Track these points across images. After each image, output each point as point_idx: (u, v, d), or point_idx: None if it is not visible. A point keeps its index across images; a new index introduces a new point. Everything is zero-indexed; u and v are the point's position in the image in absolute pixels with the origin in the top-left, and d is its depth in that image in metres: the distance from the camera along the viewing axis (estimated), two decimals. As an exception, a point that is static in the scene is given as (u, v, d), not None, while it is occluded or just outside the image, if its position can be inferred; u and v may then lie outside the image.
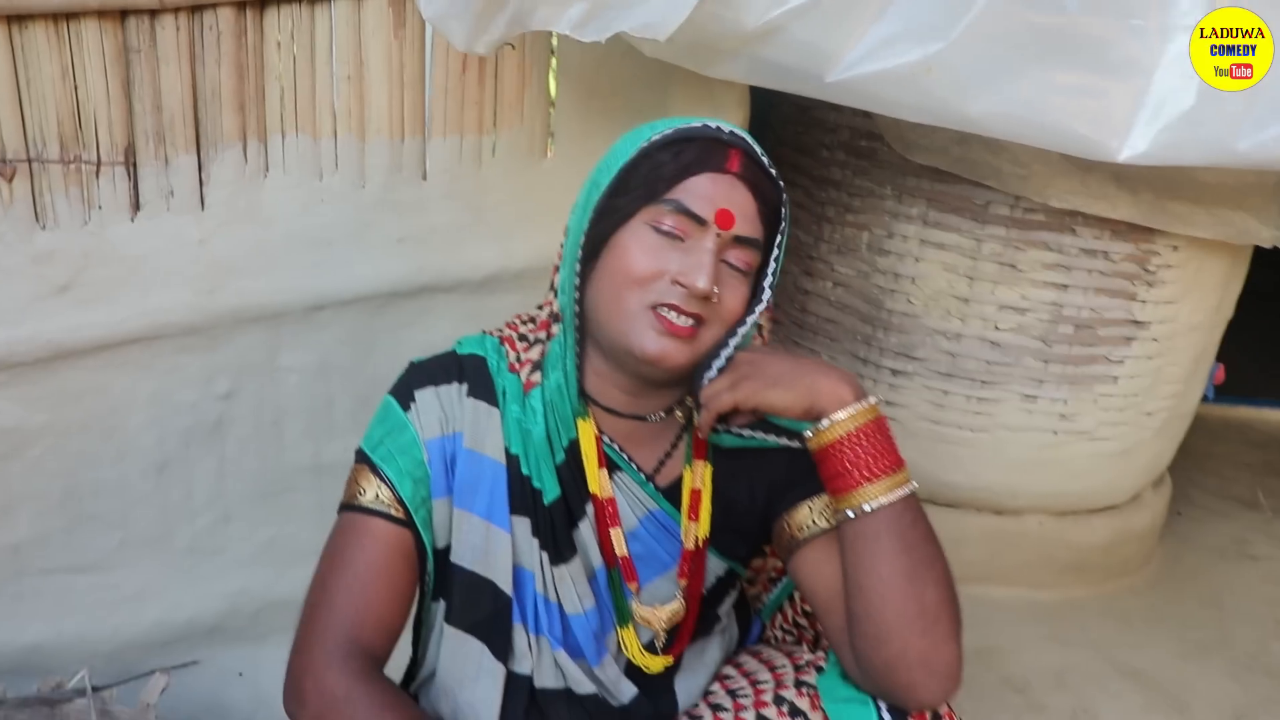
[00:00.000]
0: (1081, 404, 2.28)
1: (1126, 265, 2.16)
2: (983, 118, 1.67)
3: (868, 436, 1.24)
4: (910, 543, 1.23)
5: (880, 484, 1.23)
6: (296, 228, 1.82)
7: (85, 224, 1.71)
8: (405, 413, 1.35)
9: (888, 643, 1.22)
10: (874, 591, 1.23)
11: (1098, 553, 2.50)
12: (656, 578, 1.41)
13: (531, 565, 1.37)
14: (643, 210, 1.26)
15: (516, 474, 1.36)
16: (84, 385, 1.76)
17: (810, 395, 1.26)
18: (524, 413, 1.36)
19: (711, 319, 1.27)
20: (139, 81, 1.67)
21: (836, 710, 1.31)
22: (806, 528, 1.36)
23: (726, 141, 1.27)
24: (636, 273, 1.25)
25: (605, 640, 1.42)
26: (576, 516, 1.37)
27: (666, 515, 1.40)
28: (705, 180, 1.25)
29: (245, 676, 2.02)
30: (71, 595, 1.88)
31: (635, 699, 1.44)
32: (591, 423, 1.36)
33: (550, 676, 1.40)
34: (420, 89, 1.84)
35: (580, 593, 1.38)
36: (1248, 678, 2.28)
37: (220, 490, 1.91)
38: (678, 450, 1.42)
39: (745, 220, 1.26)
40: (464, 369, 1.38)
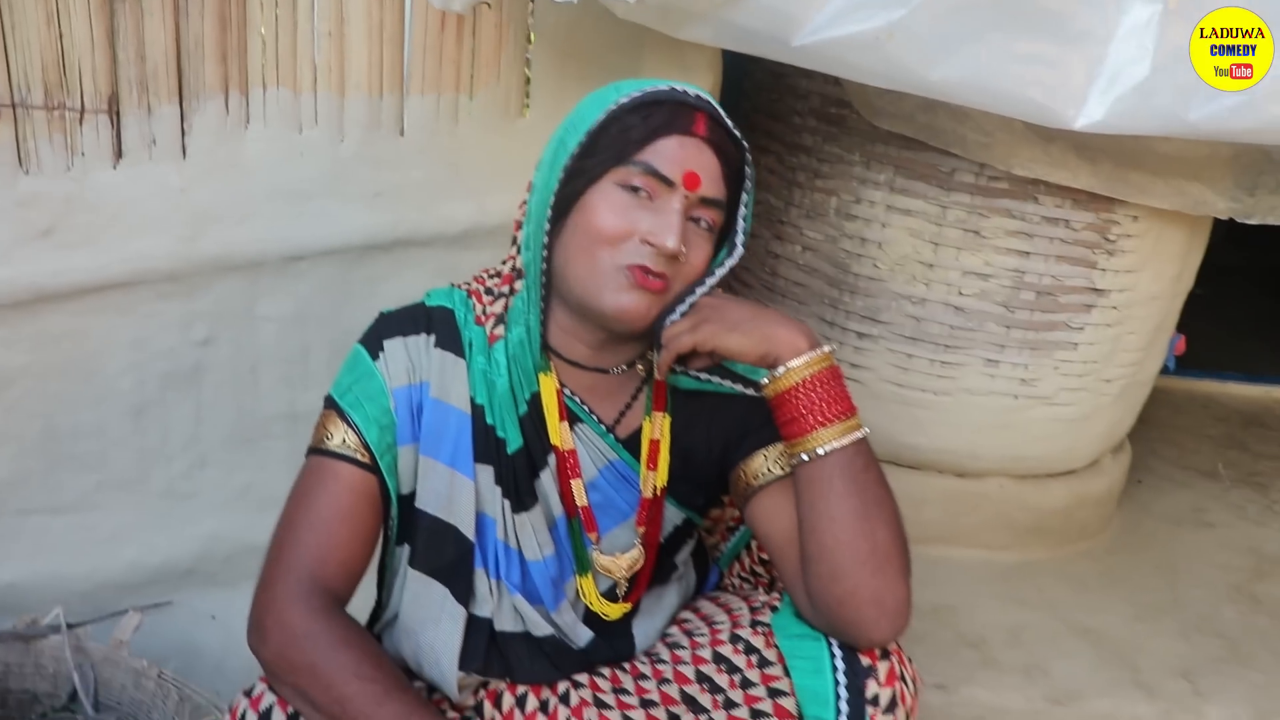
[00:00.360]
0: (1042, 369, 2.34)
1: (1087, 234, 2.22)
2: (943, 84, 1.72)
3: (821, 384, 1.30)
4: (862, 484, 1.29)
5: (833, 428, 1.29)
6: (276, 179, 1.86)
7: (68, 170, 1.75)
8: (374, 361, 1.40)
9: (840, 581, 1.28)
10: (827, 532, 1.29)
11: (1056, 516, 2.55)
12: (616, 527, 1.47)
13: (494, 512, 1.42)
14: (612, 171, 1.30)
15: (481, 423, 1.40)
16: (64, 328, 1.80)
17: (766, 342, 1.32)
18: (489, 364, 1.41)
19: (676, 277, 1.33)
20: (123, 31, 1.70)
21: (790, 646, 1.37)
22: (762, 475, 1.42)
23: (692, 105, 1.32)
24: (606, 232, 1.29)
25: (564, 587, 1.47)
26: (538, 466, 1.42)
27: (626, 466, 1.46)
28: (673, 143, 1.30)
29: (218, 620, 2.06)
30: (48, 535, 1.92)
31: (592, 641, 1.50)
32: (553, 376, 1.41)
33: (509, 620, 1.46)
34: (399, 46, 1.88)
35: (540, 540, 1.43)
36: (1197, 638, 2.34)
37: (196, 435, 1.95)
38: (638, 402, 1.47)
39: (710, 181, 1.32)
40: (432, 320, 1.43)
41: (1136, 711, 2.11)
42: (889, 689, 1.31)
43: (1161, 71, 1.70)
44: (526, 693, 1.48)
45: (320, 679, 1.26)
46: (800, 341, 1.32)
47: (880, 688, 1.31)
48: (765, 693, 1.38)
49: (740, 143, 1.36)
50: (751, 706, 1.38)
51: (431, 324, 1.43)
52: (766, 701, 1.37)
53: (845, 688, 1.30)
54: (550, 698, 1.47)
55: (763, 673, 1.39)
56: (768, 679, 1.38)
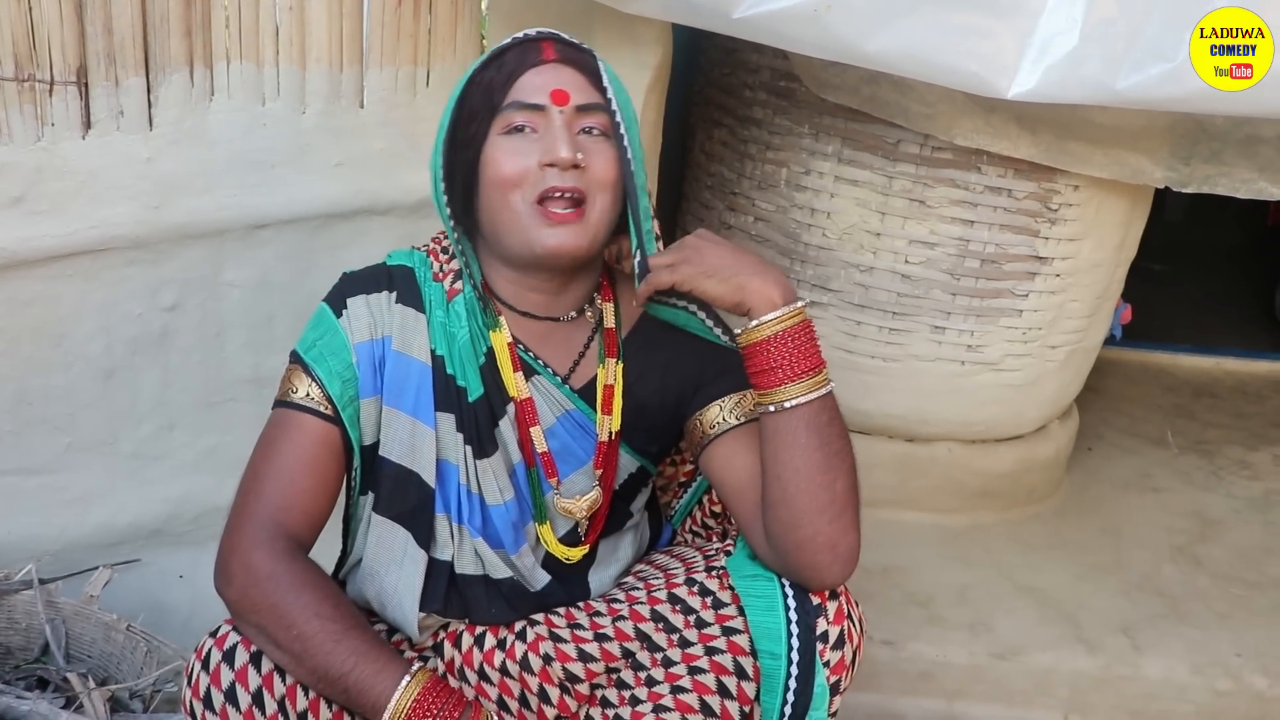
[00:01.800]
0: (988, 336, 2.41)
1: (1029, 203, 2.29)
2: (880, 55, 1.79)
3: (792, 339, 1.36)
4: (825, 438, 1.35)
5: (801, 384, 1.35)
6: (240, 149, 1.91)
7: (38, 140, 1.80)
8: (337, 318, 1.47)
9: (800, 527, 1.35)
10: (790, 481, 1.35)
11: (1004, 480, 2.63)
12: (574, 473, 1.54)
13: (456, 459, 1.48)
14: (491, 125, 1.40)
15: (441, 373, 1.47)
16: (34, 294, 1.85)
17: (740, 293, 1.38)
18: (449, 317, 1.48)
19: (590, 189, 1.39)
20: (91, 5, 1.75)
21: (744, 585, 1.43)
22: (718, 425, 1.49)
23: (535, 38, 1.42)
24: (508, 174, 1.38)
25: (523, 530, 1.54)
26: (498, 415, 1.49)
27: (582, 414, 1.52)
28: (530, 74, 1.39)
29: (185, 579, 2.12)
30: (20, 496, 1.97)
31: (549, 584, 1.56)
32: (504, 331, 1.48)
33: (470, 563, 1.52)
34: (358, 21, 1.93)
35: (500, 485, 1.50)
36: (1138, 596, 2.42)
37: (164, 398, 2.00)
38: (590, 351, 1.54)
39: (578, 90, 1.40)
40: (393, 278, 1.50)
41: (1076, 665, 2.20)
42: (837, 626, 1.38)
43: (1090, 42, 1.77)
44: (484, 632, 1.55)
45: (282, 618, 1.33)
46: (774, 295, 1.37)
47: (829, 625, 1.37)
48: (719, 631, 1.45)
49: (591, 53, 1.44)
50: (706, 644, 1.45)
51: (393, 282, 1.49)
52: (721, 639, 1.44)
53: (796, 624, 1.37)
54: (507, 635, 1.54)
55: (717, 613, 1.46)
56: (722, 618, 1.45)
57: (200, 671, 1.36)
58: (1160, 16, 1.76)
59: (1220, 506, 2.87)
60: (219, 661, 1.36)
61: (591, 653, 1.50)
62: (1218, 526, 2.77)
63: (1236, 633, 2.32)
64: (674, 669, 1.47)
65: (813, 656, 1.37)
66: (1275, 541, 2.73)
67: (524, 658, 1.51)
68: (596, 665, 1.50)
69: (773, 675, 1.39)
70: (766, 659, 1.39)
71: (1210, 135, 2.19)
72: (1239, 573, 2.56)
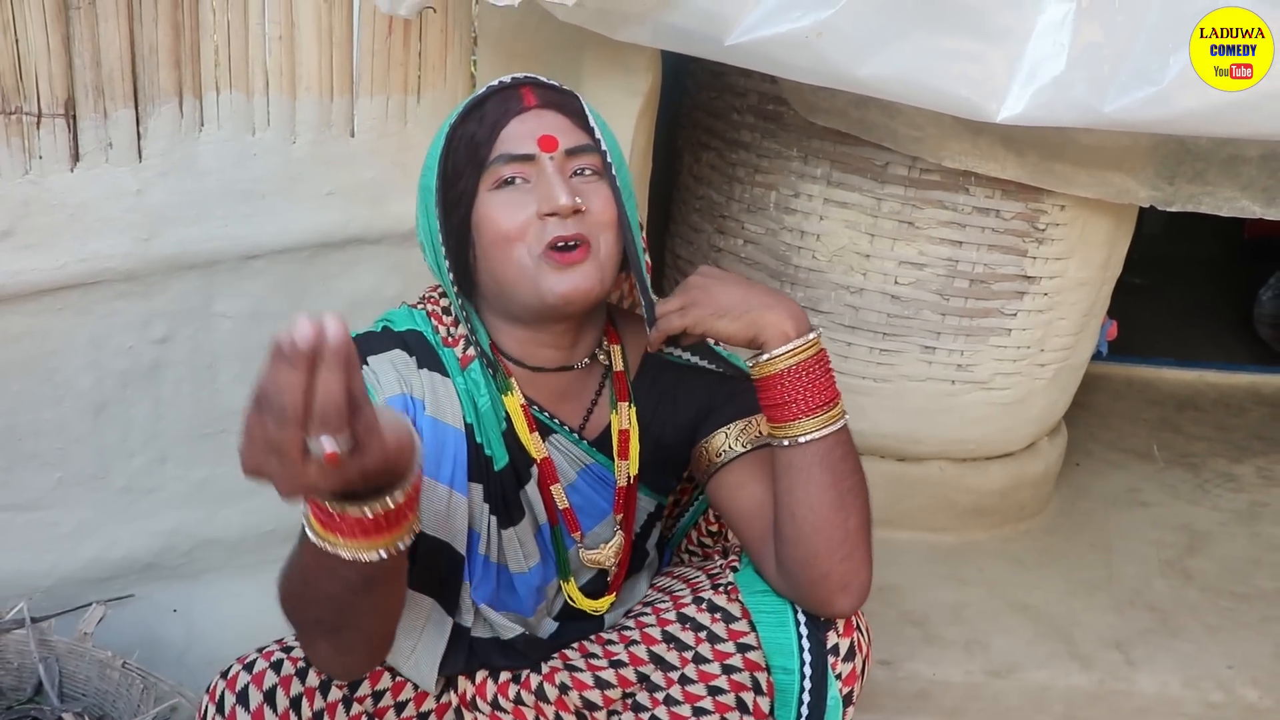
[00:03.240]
0: (978, 355, 2.43)
1: (1017, 223, 2.31)
2: (871, 80, 1.80)
3: (806, 371, 1.34)
4: (839, 474, 1.34)
5: (816, 418, 1.34)
6: (230, 180, 1.90)
7: (26, 173, 1.78)
8: None
9: (814, 565, 1.34)
10: (805, 520, 1.34)
11: (995, 498, 2.64)
12: (597, 525, 1.52)
13: (480, 528, 1.44)
14: (480, 181, 1.34)
15: (472, 442, 1.42)
16: (23, 328, 1.84)
17: (754, 328, 1.36)
18: (469, 384, 1.42)
19: (593, 231, 1.35)
20: (79, 37, 1.74)
21: (754, 601, 1.43)
22: (724, 452, 1.47)
23: (513, 85, 1.37)
24: (508, 230, 1.33)
25: (545, 590, 1.52)
26: (523, 480, 1.46)
27: (601, 467, 1.50)
28: (514, 124, 1.34)
29: (179, 612, 2.10)
30: (10, 532, 1.95)
31: (559, 629, 1.56)
32: (516, 394, 1.43)
33: (482, 628, 1.51)
34: (348, 50, 1.92)
35: (527, 551, 1.48)
36: (1130, 611, 2.44)
37: (156, 431, 1.99)
38: (602, 399, 1.51)
39: (565, 134, 1.35)
40: (408, 343, 1.44)
41: (1071, 681, 2.21)
42: (848, 639, 1.39)
43: (1077, 66, 1.79)
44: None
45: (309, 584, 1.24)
46: (788, 327, 1.35)
47: (840, 638, 1.39)
48: (734, 648, 1.45)
49: (573, 94, 1.40)
50: (722, 662, 1.45)
51: (409, 346, 1.43)
52: (736, 656, 1.44)
53: (807, 639, 1.38)
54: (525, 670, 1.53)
55: (729, 628, 1.46)
56: (735, 634, 1.45)
57: (215, 714, 1.36)
58: (1146, 41, 1.78)
59: (1207, 519, 2.89)
60: (234, 704, 1.36)
61: (608, 679, 1.50)
62: (1205, 539, 2.79)
63: (1227, 645, 2.33)
64: (691, 688, 1.46)
65: (824, 669, 1.37)
66: (1262, 553, 2.75)
67: (539, 688, 1.51)
68: (613, 691, 1.50)
69: (786, 690, 1.39)
70: (780, 674, 1.39)
71: (1194, 155, 2.21)
72: (1228, 585, 2.58)
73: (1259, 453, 3.31)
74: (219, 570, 2.13)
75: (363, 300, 1.99)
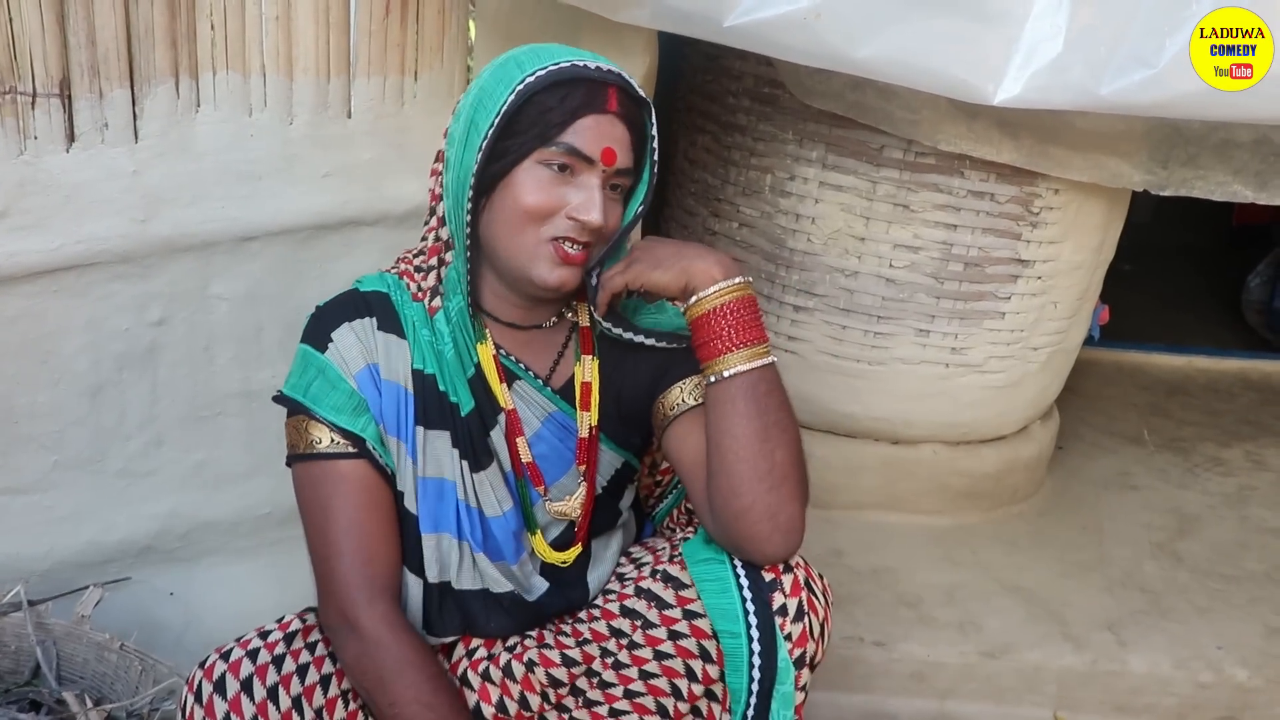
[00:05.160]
0: (971, 338, 2.44)
1: (1011, 206, 2.32)
2: (868, 62, 1.80)
3: (733, 312, 1.41)
4: (764, 407, 1.40)
5: (740, 353, 1.40)
6: (227, 161, 1.91)
7: (21, 154, 1.78)
8: (323, 354, 1.46)
9: (739, 495, 1.39)
10: (729, 449, 1.39)
11: (988, 481, 2.66)
12: (563, 476, 1.56)
13: (453, 475, 1.49)
14: (535, 151, 1.38)
15: (434, 391, 1.48)
16: (20, 310, 1.84)
17: (685, 275, 1.43)
18: (434, 335, 1.48)
19: (597, 241, 1.43)
20: (74, 16, 1.74)
21: (697, 570, 1.47)
22: (677, 405, 1.51)
23: (605, 81, 1.39)
24: (535, 209, 1.38)
25: (523, 539, 1.56)
26: (489, 426, 1.51)
27: (564, 415, 1.55)
28: (590, 121, 1.38)
29: (176, 596, 2.11)
30: (7, 515, 1.95)
31: (547, 592, 1.58)
32: (489, 344, 1.50)
33: (469, 579, 1.53)
34: (345, 30, 1.93)
35: (499, 496, 1.52)
36: (1121, 592, 2.46)
37: (152, 414, 1.99)
38: (568, 351, 1.56)
39: (624, 152, 1.41)
40: (371, 304, 1.50)
41: (1065, 662, 2.23)
42: (795, 598, 1.41)
43: (1074, 49, 1.79)
44: (479, 645, 1.57)
45: (386, 693, 1.40)
46: (715, 271, 1.42)
47: (787, 598, 1.40)
48: (681, 614, 1.48)
49: (649, 106, 1.45)
50: (669, 628, 1.48)
51: (371, 308, 1.49)
52: (683, 623, 1.47)
53: (752, 601, 1.40)
54: (499, 649, 1.56)
55: (678, 595, 1.49)
56: (683, 600, 1.48)
57: (194, 705, 1.39)
58: (1142, 23, 1.79)
59: (1197, 503, 2.92)
60: (211, 693, 1.39)
61: (574, 656, 1.54)
62: (1195, 522, 2.82)
63: (1216, 626, 2.36)
64: (640, 651, 1.50)
65: (773, 631, 1.39)
66: (1250, 536, 2.78)
67: (508, 665, 1.55)
68: (578, 669, 1.54)
69: (735, 655, 1.42)
70: (727, 639, 1.42)
71: (1187, 140, 2.22)
72: (1217, 567, 2.61)
73: (1247, 437, 3.34)
74: (216, 553, 2.13)
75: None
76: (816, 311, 2.43)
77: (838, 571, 2.41)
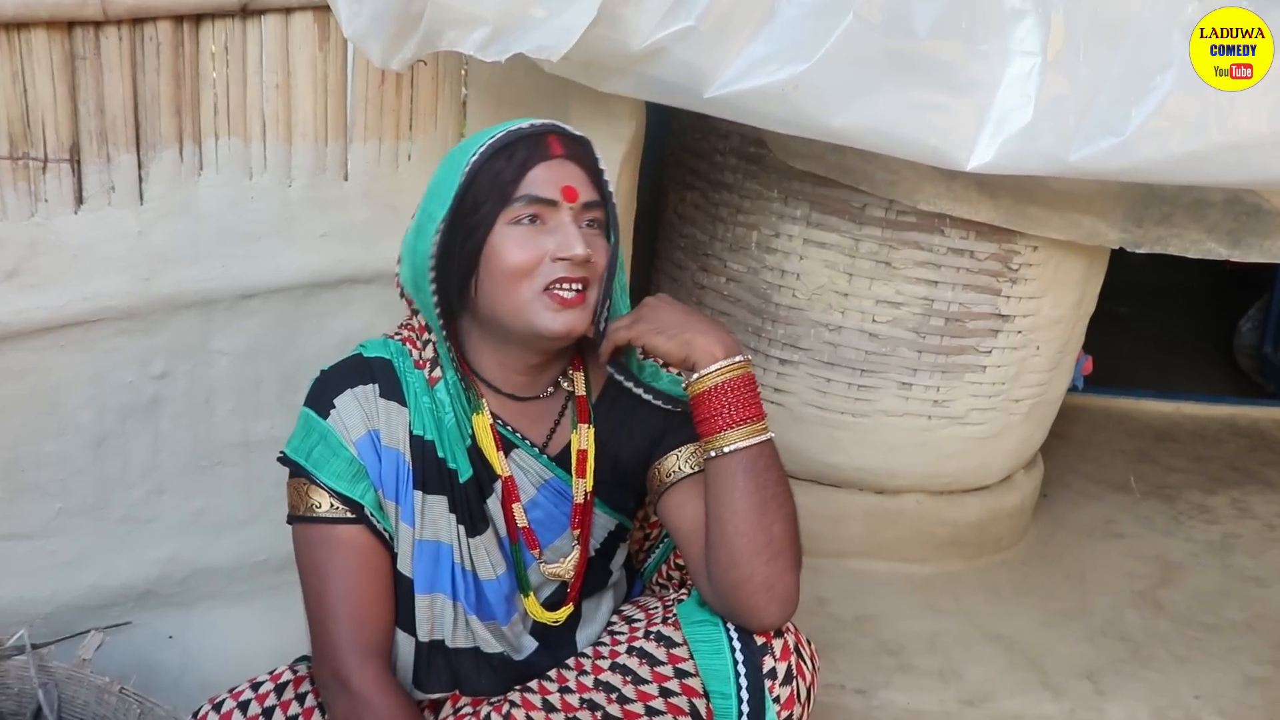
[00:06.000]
0: (953, 391, 2.50)
1: (991, 263, 2.38)
2: (845, 130, 1.86)
3: (733, 390, 1.46)
4: (763, 482, 1.44)
5: (740, 430, 1.45)
6: (228, 222, 1.98)
7: (32, 215, 1.85)
8: (325, 420, 1.51)
9: (738, 567, 1.42)
10: (729, 523, 1.43)
11: (971, 529, 2.71)
12: (557, 539, 1.60)
13: (450, 538, 1.55)
14: (501, 214, 1.45)
15: (433, 456, 1.53)
16: (28, 364, 1.90)
17: (686, 348, 1.47)
18: (434, 404, 1.54)
19: (591, 277, 1.48)
20: (84, 86, 1.82)
21: (691, 631, 1.50)
22: (674, 473, 1.56)
23: (542, 131, 1.48)
24: (520, 266, 1.44)
25: (514, 600, 1.60)
26: (486, 493, 1.56)
27: (560, 482, 1.59)
28: (540, 169, 1.46)
29: (175, 639, 2.15)
30: (12, 560, 2.00)
31: (536, 651, 1.63)
32: (485, 414, 1.54)
33: (463, 638, 1.59)
34: (342, 97, 2.00)
35: (493, 560, 1.57)
36: (1102, 641, 2.50)
37: (154, 463, 2.05)
38: (564, 419, 1.61)
39: (584, 187, 1.48)
40: (374, 370, 1.55)
41: (1043, 710, 2.26)
42: (785, 662, 1.45)
43: (1043, 117, 1.85)
44: (465, 703, 1.63)
45: None
46: (717, 350, 1.47)
47: (776, 661, 1.45)
48: (672, 672, 1.51)
49: (589, 144, 1.52)
50: (661, 684, 1.51)
51: (374, 374, 1.55)
52: (674, 680, 1.51)
53: (743, 664, 1.44)
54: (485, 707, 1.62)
55: (670, 653, 1.52)
56: (674, 659, 1.52)
57: None
58: (1109, 94, 1.85)
59: (1180, 551, 2.96)
60: None
61: (554, 703, 1.58)
62: (1178, 571, 2.85)
63: (1195, 675, 2.39)
64: (630, 706, 1.53)
65: (762, 693, 1.44)
66: (1232, 584, 2.81)
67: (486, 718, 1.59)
68: (557, 716, 1.57)
69: (725, 714, 1.45)
70: (718, 699, 1.46)
71: (1161, 199, 2.29)
72: (1197, 616, 2.64)
73: (1233, 484, 3.38)
74: (214, 598, 2.18)
75: (355, 338, 2.02)
76: (801, 364, 2.49)
77: (821, 619, 2.45)
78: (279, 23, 1.91)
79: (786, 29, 1.77)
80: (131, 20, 1.81)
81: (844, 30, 1.77)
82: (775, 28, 1.77)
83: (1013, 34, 1.83)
